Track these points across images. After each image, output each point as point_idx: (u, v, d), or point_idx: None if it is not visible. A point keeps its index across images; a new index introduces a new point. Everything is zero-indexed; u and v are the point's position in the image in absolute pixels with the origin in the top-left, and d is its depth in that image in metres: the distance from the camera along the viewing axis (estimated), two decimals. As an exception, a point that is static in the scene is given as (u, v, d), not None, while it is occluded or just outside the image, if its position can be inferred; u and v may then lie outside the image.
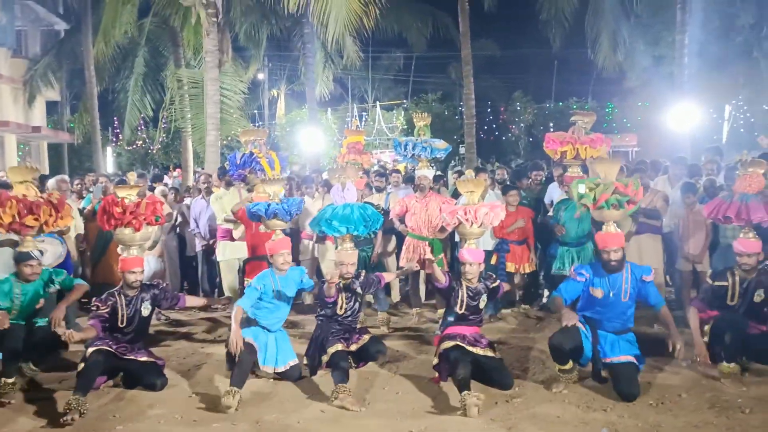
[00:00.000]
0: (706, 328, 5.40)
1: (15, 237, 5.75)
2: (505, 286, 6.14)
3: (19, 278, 5.36)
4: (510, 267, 7.57)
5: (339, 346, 5.40)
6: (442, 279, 5.45)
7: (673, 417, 4.65)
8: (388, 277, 6.53)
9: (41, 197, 5.39)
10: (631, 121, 26.61)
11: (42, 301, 5.44)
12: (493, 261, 7.64)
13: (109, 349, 5.19)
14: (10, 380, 4.71)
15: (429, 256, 7.01)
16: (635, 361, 5.14)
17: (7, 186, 6.61)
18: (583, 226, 7.19)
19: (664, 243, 7.30)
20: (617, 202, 5.21)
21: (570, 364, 5.18)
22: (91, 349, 5.13)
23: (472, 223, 5.47)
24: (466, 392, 4.78)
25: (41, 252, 5.41)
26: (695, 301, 5.69)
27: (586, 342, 5.18)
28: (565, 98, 29.80)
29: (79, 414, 4.68)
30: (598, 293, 5.19)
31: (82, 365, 5.06)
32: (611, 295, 5.19)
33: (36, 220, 5.28)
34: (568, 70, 31.11)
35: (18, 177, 5.43)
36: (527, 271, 7.64)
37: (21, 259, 5.33)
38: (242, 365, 5.18)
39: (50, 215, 5.34)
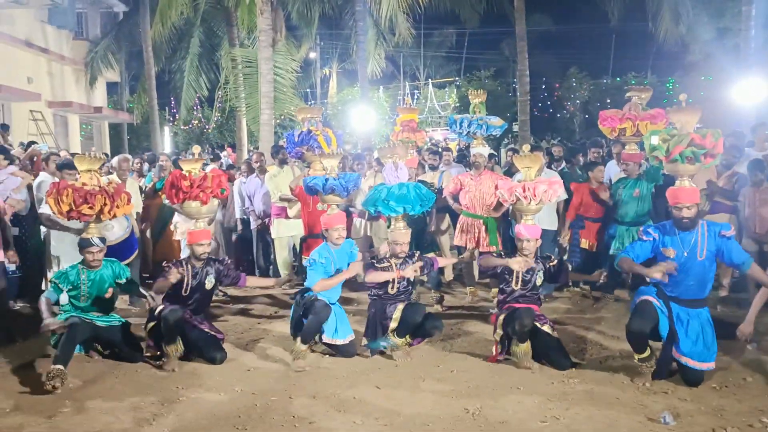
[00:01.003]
0: None
1: (80, 225, 5.98)
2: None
3: (85, 265, 5.52)
4: (584, 243, 7.49)
5: (402, 305, 5.53)
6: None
7: (737, 401, 4.52)
8: (443, 261, 6.54)
9: (99, 186, 5.51)
10: (693, 97, 25.62)
11: (111, 290, 5.59)
12: (564, 239, 7.55)
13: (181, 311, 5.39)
14: (59, 366, 4.87)
15: (483, 235, 7.02)
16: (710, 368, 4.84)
17: (72, 166, 6.83)
18: (643, 204, 7.01)
19: (738, 224, 7.03)
20: (692, 155, 4.79)
21: (648, 352, 4.88)
22: (165, 310, 5.34)
23: (531, 200, 5.40)
24: (524, 344, 5.03)
25: (102, 240, 5.54)
26: None
27: (662, 318, 4.85)
28: (623, 73, 28.91)
29: (175, 368, 5.20)
30: (671, 253, 4.79)
31: (162, 322, 5.30)
32: (685, 254, 4.78)
33: (91, 209, 5.41)
34: (626, 45, 30.24)
35: (84, 165, 5.59)
36: (594, 249, 7.51)
37: (82, 245, 5.49)
38: (316, 322, 5.38)
39: (105, 204, 5.46)
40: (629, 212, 7.08)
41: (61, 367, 4.85)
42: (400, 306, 5.56)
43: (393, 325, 5.52)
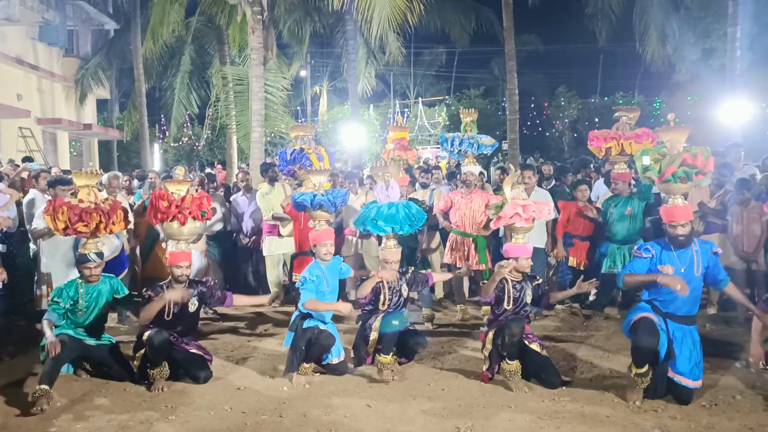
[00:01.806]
0: None
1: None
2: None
3: (82, 280, 5.50)
4: (571, 261, 7.55)
5: (382, 315, 5.54)
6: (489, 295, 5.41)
7: (727, 419, 4.54)
8: (437, 276, 6.53)
9: (95, 204, 5.50)
10: (679, 116, 25.92)
11: (107, 305, 5.57)
12: (558, 256, 7.59)
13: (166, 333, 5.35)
14: (44, 387, 4.82)
15: (473, 255, 7.05)
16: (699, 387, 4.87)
17: (64, 182, 6.82)
18: (634, 223, 7.07)
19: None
20: (685, 174, 4.85)
21: (646, 367, 4.79)
22: (150, 332, 5.30)
23: (531, 219, 5.46)
24: (512, 362, 4.97)
25: (99, 255, 5.52)
26: (761, 303, 5.35)
27: (662, 335, 4.81)
28: (610, 93, 29.32)
29: (164, 388, 5.10)
30: (668, 270, 4.82)
31: (147, 344, 5.26)
32: (682, 271, 4.83)
33: (86, 226, 5.40)
34: (613, 65, 30.62)
35: (81, 181, 5.58)
36: (584, 268, 7.57)
37: (80, 261, 5.50)
38: (320, 349, 5.37)
39: (100, 221, 5.45)
40: (620, 230, 7.13)
41: (46, 387, 4.81)
42: (380, 316, 5.56)
43: (373, 335, 5.52)
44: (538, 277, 5.67)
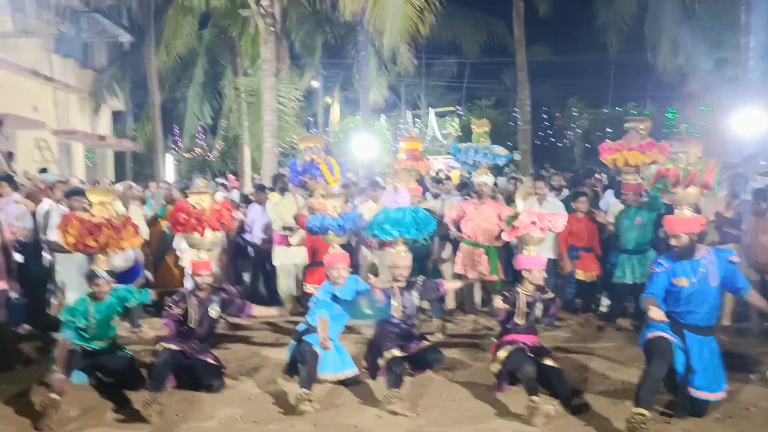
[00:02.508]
0: None
1: None
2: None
3: (92, 297, 5.54)
4: (579, 275, 7.52)
5: (395, 353, 5.40)
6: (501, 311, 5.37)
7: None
8: (448, 284, 6.50)
9: (106, 219, 5.53)
10: (693, 126, 25.86)
11: (116, 317, 5.62)
12: (565, 269, 7.57)
13: (177, 347, 5.38)
14: (57, 397, 4.83)
15: (484, 264, 7.05)
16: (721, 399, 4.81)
17: (79, 192, 6.89)
18: (645, 232, 7.05)
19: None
20: (663, 186, 4.87)
21: (650, 413, 4.40)
22: (161, 346, 5.35)
23: (536, 230, 5.42)
24: (536, 398, 4.71)
25: (109, 272, 5.56)
26: None
27: (678, 354, 4.68)
28: (622, 103, 29.17)
29: (159, 413, 4.82)
30: (683, 282, 4.79)
31: (153, 361, 5.29)
32: (694, 281, 4.74)
33: (96, 241, 5.44)
34: (625, 75, 30.46)
35: (96, 197, 5.63)
36: (593, 279, 7.54)
37: (89, 278, 5.54)
38: (310, 370, 5.25)
39: (111, 237, 5.49)
40: (630, 240, 7.12)
41: (55, 396, 4.82)
42: (389, 354, 5.38)
43: (380, 362, 5.44)
44: (548, 290, 5.62)
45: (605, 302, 7.89)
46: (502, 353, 5.22)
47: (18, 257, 7.09)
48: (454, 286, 6.85)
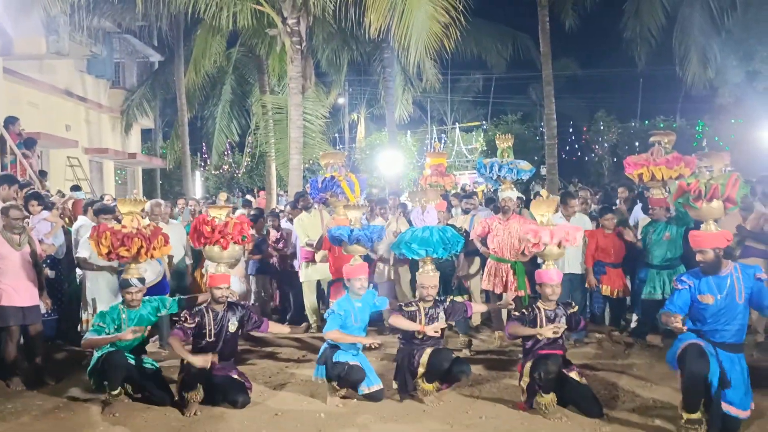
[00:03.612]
0: None
1: (115, 264, 6.16)
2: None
3: (125, 305, 5.63)
4: (605, 290, 7.46)
5: (430, 350, 5.46)
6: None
7: (776, 452, 4.39)
8: (476, 307, 6.47)
9: (137, 229, 5.64)
10: (723, 139, 25.49)
11: (149, 328, 5.71)
12: (589, 284, 7.51)
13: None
14: (115, 392, 5.16)
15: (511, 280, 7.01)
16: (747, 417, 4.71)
17: (107, 210, 7.02)
18: (674, 247, 6.96)
19: None
20: (684, 201, 4.83)
21: (699, 414, 4.50)
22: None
23: (545, 245, 5.39)
24: (547, 395, 4.77)
25: (141, 280, 5.66)
26: None
27: (713, 362, 4.60)
28: (651, 117, 28.89)
29: (197, 412, 5.15)
30: (708, 299, 4.71)
31: (182, 376, 5.41)
32: (719, 298, 4.68)
33: (128, 251, 5.54)
34: (654, 88, 30.23)
35: (126, 208, 5.74)
36: (621, 295, 7.45)
37: (122, 286, 5.66)
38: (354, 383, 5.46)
39: (141, 246, 5.58)
40: (659, 256, 7.04)
41: (116, 392, 5.22)
42: (428, 350, 5.52)
43: (421, 370, 5.48)
44: (573, 305, 5.58)
45: (635, 318, 7.79)
46: (528, 365, 5.20)
47: (50, 273, 7.23)
48: (481, 309, 6.83)
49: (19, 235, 6.23)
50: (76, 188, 12.93)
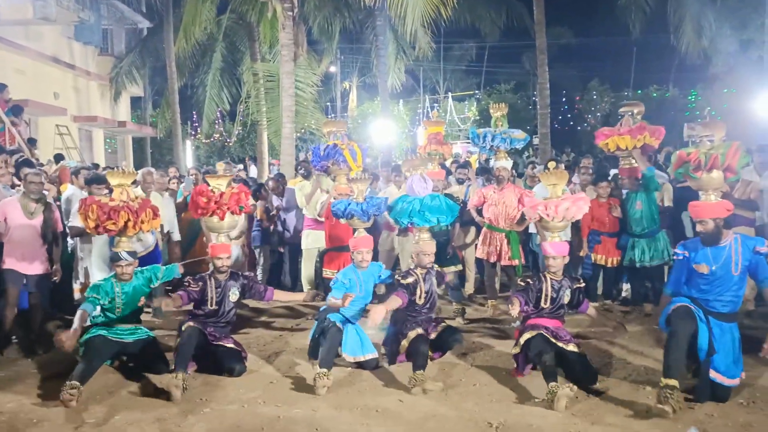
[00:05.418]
0: None
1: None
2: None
3: (117, 278, 5.60)
4: (600, 259, 7.51)
5: (419, 331, 5.50)
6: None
7: (765, 417, 4.47)
8: (450, 276, 6.71)
9: (124, 202, 5.57)
10: (715, 109, 25.44)
11: (143, 299, 5.70)
12: (582, 252, 7.55)
13: (202, 328, 5.49)
14: (76, 383, 4.84)
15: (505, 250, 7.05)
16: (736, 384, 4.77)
17: (100, 180, 6.94)
18: (649, 214, 7.13)
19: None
20: (684, 171, 4.86)
21: (677, 381, 4.48)
22: (186, 324, 5.48)
23: (553, 218, 5.37)
24: (554, 383, 4.71)
25: (131, 253, 5.60)
26: None
27: (701, 326, 4.66)
28: (644, 86, 28.79)
29: (183, 390, 4.94)
30: (704, 269, 4.75)
31: (177, 341, 5.43)
32: (714, 268, 4.72)
33: (114, 224, 5.47)
34: (647, 57, 30.06)
35: (115, 180, 5.68)
36: (615, 264, 7.50)
37: (112, 259, 5.61)
38: (330, 347, 5.38)
39: (128, 220, 5.52)
40: (634, 224, 7.22)
41: (77, 383, 4.86)
42: (413, 333, 5.50)
43: (404, 342, 5.51)
44: (580, 280, 5.57)
45: (626, 287, 7.87)
46: (525, 336, 5.21)
47: (70, 242, 7.18)
48: (451, 276, 6.93)
49: (36, 202, 6.19)
50: (59, 157, 12.73)
